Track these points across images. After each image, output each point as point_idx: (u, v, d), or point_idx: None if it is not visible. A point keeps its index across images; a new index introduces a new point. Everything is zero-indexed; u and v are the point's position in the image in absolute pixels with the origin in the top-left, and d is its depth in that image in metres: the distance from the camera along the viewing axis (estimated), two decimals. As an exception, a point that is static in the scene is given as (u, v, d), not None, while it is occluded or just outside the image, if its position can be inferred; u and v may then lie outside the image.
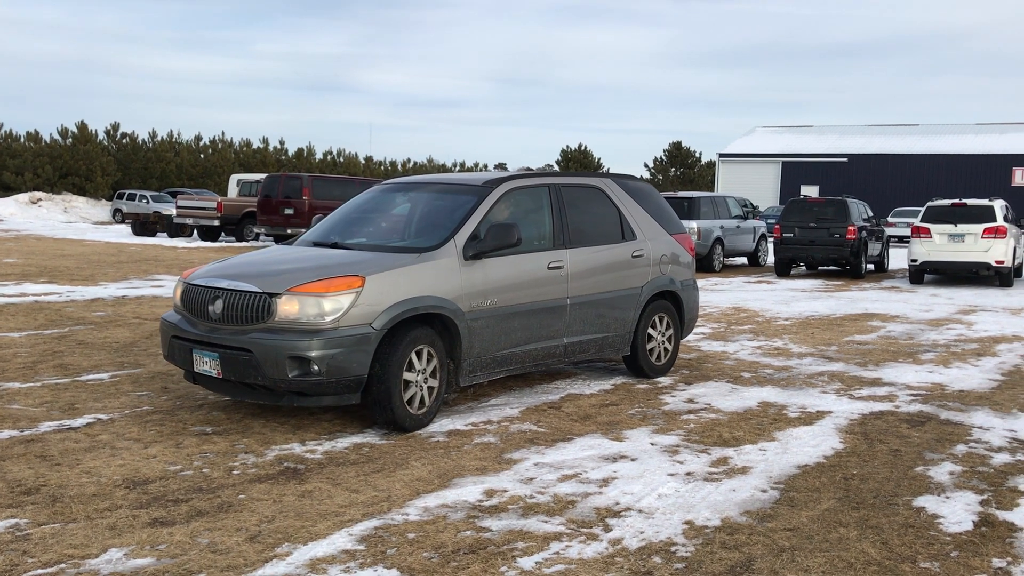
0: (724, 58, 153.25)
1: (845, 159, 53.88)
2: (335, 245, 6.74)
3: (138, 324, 10.34)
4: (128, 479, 4.87)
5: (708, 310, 13.14)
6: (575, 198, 7.37)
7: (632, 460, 5.43)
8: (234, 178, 36.17)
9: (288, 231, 24.11)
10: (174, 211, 29.30)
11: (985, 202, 18.48)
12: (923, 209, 19.04)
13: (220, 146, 56.65)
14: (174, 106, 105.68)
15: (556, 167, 66.89)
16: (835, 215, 19.96)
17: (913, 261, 18.53)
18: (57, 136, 49.00)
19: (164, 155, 52.20)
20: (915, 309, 13.95)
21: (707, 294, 15.41)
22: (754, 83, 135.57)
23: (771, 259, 25.38)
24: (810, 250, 20.05)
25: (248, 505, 4.52)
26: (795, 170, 54.61)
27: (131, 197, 41.33)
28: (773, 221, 26.04)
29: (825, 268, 21.79)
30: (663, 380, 7.86)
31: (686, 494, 4.83)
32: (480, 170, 61.54)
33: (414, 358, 5.95)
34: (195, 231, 29.68)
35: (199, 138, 56.06)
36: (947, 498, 4.86)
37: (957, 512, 4.64)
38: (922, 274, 18.78)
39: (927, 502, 4.79)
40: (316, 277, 5.77)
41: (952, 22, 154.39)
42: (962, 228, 18.00)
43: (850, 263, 19.93)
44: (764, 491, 4.91)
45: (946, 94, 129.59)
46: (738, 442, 5.90)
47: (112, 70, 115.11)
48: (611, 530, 4.29)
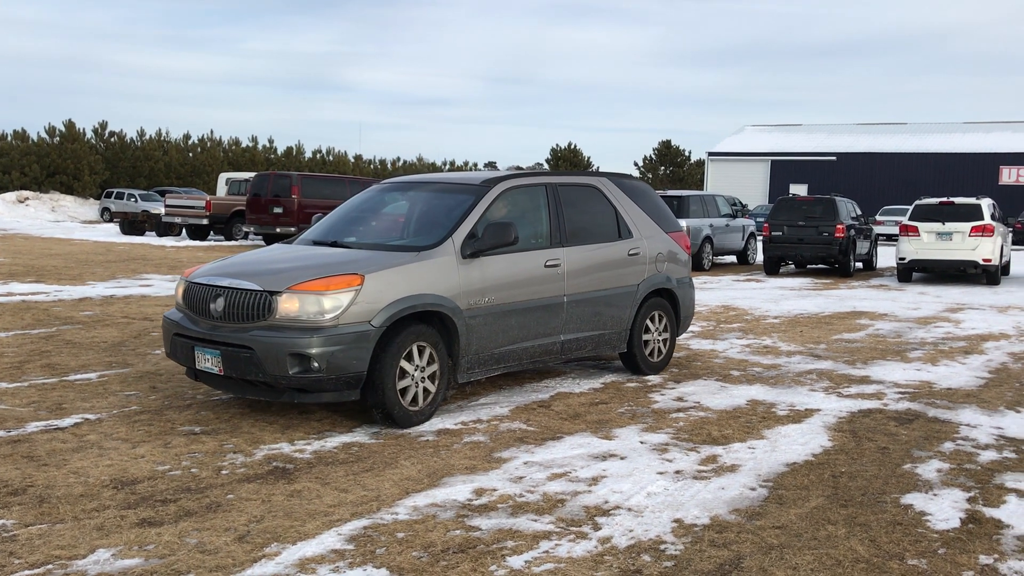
0: (713, 57, 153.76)
1: (834, 158, 54.10)
2: (335, 244, 6.80)
3: (126, 324, 10.29)
4: (116, 479, 4.85)
5: (697, 308, 13.16)
6: (572, 197, 7.40)
7: (621, 459, 5.44)
8: (223, 177, 35.99)
9: (277, 230, 24.02)
10: (162, 210, 29.18)
11: (972, 201, 18.58)
12: (911, 208, 19.12)
13: (209, 145, 56.38)
14: (162, 104, 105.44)
15: (546, 165, 67.08)
16: (824, 214, 20.02)
17: (901, 259, 18.61)
18: (45, 135, 48.64)
19: (152, 154, 51.89)
20: (903, 307, 14.01)
21: (696, 292, 15.43)
22: (743, 82, 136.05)
23: (760, 257, 25.49)
24: (799, 248, 20.12)
25: (237, 505, 4.50)
26: (784, 169, 54.81)
27: (119, 196, 41.12)
28: (762, 220, 26.08)
29: (814, 266, 21.87)
30: (653, 379, 7.88)
31: (675, 492, 4.84)
32: (470, 169, 61.65)
33: (414, 354, 6.00)
34: (184, 230, 29.56)
35: (188, 137, 55.80)
36: (935, 495, 4.88)
37: (944, 509, 4.66)
38: (910, 272, 18.86)
39: (915, 499, 4.81)
40: (316, 275, 5.83)
41: (940, 22, 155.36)
42: (950, 226, 18.10)
43: (839, 261, 20.00)
44: (753, 489, 4.93)
45: (934, 93, 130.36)
46: (727, 440, 5.91)
47: (100, 68, 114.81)
48: (600, 528, 4.29)
